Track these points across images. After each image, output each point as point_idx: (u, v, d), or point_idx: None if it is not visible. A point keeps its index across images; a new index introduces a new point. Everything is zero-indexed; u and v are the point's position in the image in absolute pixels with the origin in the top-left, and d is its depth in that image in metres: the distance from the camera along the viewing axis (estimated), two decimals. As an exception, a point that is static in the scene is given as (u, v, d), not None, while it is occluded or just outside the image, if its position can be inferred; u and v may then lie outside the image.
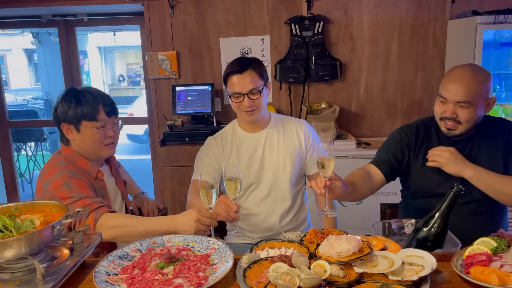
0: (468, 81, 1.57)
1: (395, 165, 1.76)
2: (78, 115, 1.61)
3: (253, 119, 1.84)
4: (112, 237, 1.50)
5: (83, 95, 1.64)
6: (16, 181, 4.21)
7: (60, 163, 1.60)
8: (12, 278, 1.15)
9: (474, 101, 1.57)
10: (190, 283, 1.15)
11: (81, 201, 1.49)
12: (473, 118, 1.61)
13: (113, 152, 1.74)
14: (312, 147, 1.92)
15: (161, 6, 3.47)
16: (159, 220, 1.54)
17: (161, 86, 3.60)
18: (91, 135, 1.63)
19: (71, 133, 1.64)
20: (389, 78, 3.51)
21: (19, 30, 7.18)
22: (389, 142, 1.82)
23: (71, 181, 1.54)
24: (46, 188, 1.54)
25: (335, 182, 1.47)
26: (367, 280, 1.12)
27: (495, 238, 1.25)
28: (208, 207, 1.47)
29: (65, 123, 1.63)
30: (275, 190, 1.88)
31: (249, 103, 1.77)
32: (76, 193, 1.51)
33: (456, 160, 1.61)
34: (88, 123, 1.62)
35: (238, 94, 1.78)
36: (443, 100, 1.63)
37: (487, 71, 1.67)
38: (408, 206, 1.83)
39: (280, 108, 3.57)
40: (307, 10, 3.39)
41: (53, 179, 1.55)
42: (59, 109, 1.64)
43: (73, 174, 1.57)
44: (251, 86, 1.76)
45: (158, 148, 3.28)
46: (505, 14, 2.84)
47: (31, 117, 7.34)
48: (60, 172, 1.56)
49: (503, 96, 3.24)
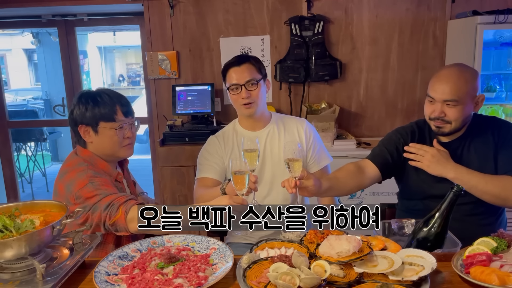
0: (455, 80, 1.60)
1: (390, 162, 1.76)
2: (96, 116, 1.60)
3: (251, 113, 1.85)
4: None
5: (100, 96, 1.62)
6: (16, 181, 4.21)
7: (82, 164, 1.58)
8: (12, 278, 1.15)
9: (461, 100, 1.59)
10: (190, 283, 1.15)
11: (107, 197, 1.46)
12: (461, 116, 1.62)
13: (131, 153, 1.72)
14: (313, 145, 1.93)
15: (161, 6, 3.47)
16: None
17: (161, 86, 3.60)
18: (110, 136, 1.61)
19: (89, 135, 1.62)
20: (389, 78, 3.51)
21: (19, 30, 7.17)
22: (384, 141, 1.83)
23: (95, 179, 1.52)
24: (70, 188, 1.51)
25: (306, 181, 1.47)
26: (367, 280, 1.12)
27: (495, 238, 1.26)
28: (240, 194, 1.43)
29: (82, 125, 1.61)
30: (276, 189, 1.88)
31: (247, 94, 1.80)
32: (101, 190, 1.48)
33: (438, 162, 1.62)
34: (106, 124, 1.60)
35: (235, 85, 1.81)
36: (431, 100, 1.65)
37: (474, 69, 1.68)
38: (404, 208, 1.83)
39: (280, 108, 3.57)
40: (307, 10, 3.39)
41: (77, 179, 1.52)
42: (75, 111, 1.62)
43: (96, 173, 1.55)
44: (248, 77, 1.80)
45: (158, 148, 3.28)
46: (505, 14, 2.84)
47: (31, 117, 7.34)
48: (84, 172, 1.54)
49: (503, 96, 3.24)
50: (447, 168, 1.61)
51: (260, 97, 1.84)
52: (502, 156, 1.64)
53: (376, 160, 1.77)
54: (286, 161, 1.45)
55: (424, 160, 1.65)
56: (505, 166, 1.62)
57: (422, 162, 1.65)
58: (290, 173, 1.44)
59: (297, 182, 1.44)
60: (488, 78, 3.23)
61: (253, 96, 1.81)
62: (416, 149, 1.68)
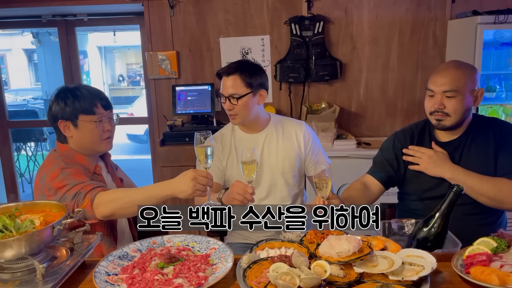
0: (453, 71, 1.64)
1: (392, 173, 1.79)
2: (75, 110, 1.61)
3: (235, 123, 1.88)
4: (111, 211, 1.45)
5: (79, 90, 1.64)
6: (16, 181, 4.21)
7: (58, 158, 1.60)
8: (12, 278, 1.15)
9: (460, 90, 1.61)
10: (190, 283, 1.15)
11: (75, 186, 1.48)
12: (461, 109, 1.63)
13: (110, 147, 1.74)
14: (312, 149, 1.92)
15: (161, 6, 3.47)
16: (156, 186, 1.49)
17: (161, 86, 3.60)
18: (90, 130, 1.63)
19: (69, 129, 1.64)
20: (389, 78, 3.51)
21: (19, 30, 7.18)
22: (383, 150, 1.85)
23: (67, 170, 1.53)
24: (44, 181, 1.54)
25: (333, 201, 1.48)
26: (367, 280, 1.12)
27: (495, 238, 1.25)
28: (204, 167, 1.47)
29: (62, 120, 1.63)
30: (274, 191, 1.88)
31: (229, 106, 1.80)
32: (70, 180, 1.50)
33: (435, 163, 1.66)
34: (86, 117, 1.62)
35: (222, 95, 1.82)
36: (431, 94, 1.68)
37: (473, 65, 1.73)
38: (404, 208, 1.83)
39: (280, 108, 3.57)
40: (307, 10, 3.39)
41: (50, 171, 1.55)
42: (54, 107, 1.64)
43: (69, 165, 1.57)
44: (231, 91, 1.79)
45: (158, 148, 3.29)
46: (505, 14, 2.84)
47: (31, 117, 7.35)
48: (56, 164, 1.56)
49: (503, 96, 3.24)
50: (444, 169, 1.64)
51: (246, 110, 1.80)
52: (502, 157, 1.64)
53: (377, 175, 1.80)
54: (315, 181, 1.44)
55: (422, 162, 1.69)
56: (504, 168, 1.63)
57: (420, 164, 1.70)
58: (319, 192, 1.44)
59: (325, 202, 1.44)
60: (488, 78, 3.23)
61: (236, 109, 1.80)
62: (414, 151, 1.73)
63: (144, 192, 1.47)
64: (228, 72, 1.80)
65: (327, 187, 1.43)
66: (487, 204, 1.62)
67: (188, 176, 1.39)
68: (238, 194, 1.53)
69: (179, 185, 1.41)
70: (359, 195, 1.73)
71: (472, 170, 1.63)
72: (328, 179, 1.43)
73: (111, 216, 1.50)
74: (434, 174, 1.66)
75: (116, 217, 1.59)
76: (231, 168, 1.89)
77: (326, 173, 1.42)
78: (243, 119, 1.83)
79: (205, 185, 1.41)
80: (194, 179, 1.38)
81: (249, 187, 1.52)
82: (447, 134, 1.72)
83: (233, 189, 1.56)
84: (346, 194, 1.72)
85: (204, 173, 1.41)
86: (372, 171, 1.82)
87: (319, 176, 1.43)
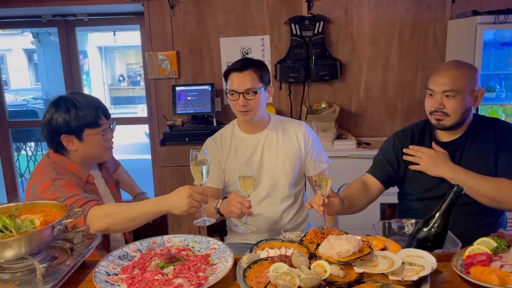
0: (453, 71, 1.64)
1: (392, 173, 1.79)
2: (80, 124, 1.55)
3: (248, 120, 1.84)
4: (105, 226, 1.42)
5: (78, 102, 1.57)
6: (16, 181, 4.21)
7: (50, 167, 1.55)
8: (12, 278, 1.15)
9: (460, 90, 1.61)
10: (190, 283, 1.15)
11: (67, 200, 1.44)
12: (460, 108, 1.63)
13: (111, 155, 1.73)
14: (312, 149, 1.92)
15: (161, 6, 3.47)
16: (151, 202, 1.48)
17: (161, 86, 3.60)
18: (96, 142, 1.59)
19: (72, 143, 1.57)
20: (389, 78, 3.51)
21: (19, 30, 7.18)
22: (384, 149, 1.85)
23: (58, 181, 1.49)
24: (34, 191, 1.50)
25: (333, 199, 1.49)
26: (367, 280, 1.12)
27: (495, 238, 1.25)
28: (199, 183, 1.46)
29: (66, 135, 1.55)
30: (274, 191, 1.88)
31: (244, 102, 1.78)
32: (62, 192, 1.46)
33: (435, 163, 1.66)
34: (92, 130, 1.58)
35: (234, 92, 1.79)
36: (430, 93, 1.68)
37: (473, 65, 1.73)
38: (404, 208, 1.83)
39: (280, 108, 3.57)
40: (307, 10, 3.39)
41: (41, 181, 1.50)
42: (55, 121, 1.55)
43: (61, 175, 1.52)
44: (248, 86, 1.77)
45: (158, 148, 3.29)
46: (505, 14, 2.84)
47: (31, 117, 7.36)
48: (48, 175, 1.51)
49: (503, 96, 3.24)
50: (445, 169, 1.64)
51: (259, 105, 1.81)
52: (502, 157, 1.64)
53: (377, 174, 1.79)
54: (315, 179, 1.45)
55: (422, 161, 1.69)
56: (504, 168, 1.63)
57: (420, 163, 1.69)
58: (319, 190, 1.45)
59: (325, 200, 1.45)
60: (488, 78, 3.23)
61: (251, 105, 1.78)
62: (414, 151, 1.72)
63: (139, 208, 1.46)
64: (242, 68, 1.78)
65: (327, 185, 1.43)
66: (487, 204, 1.61)
67: (183, 192, 1.39)
68: (235, 208, 1.53)
69: (174, 202, 1.41)
70: (358, 194, 1.73)
71: (472, 170, 1.63)
72: (328, 177, 1.44)
73: (105, 231, 1.48)
74: (434, 174, 1.66)
75: (110, 231, 1.56)
76: (230, 169, 1.88)
77: (326, 172, 1.43)
78: (255, 114, 1.82)
79: (200, 201, 1.42)
80: (189, 196, 1.39)
81: (246, 201, 1.52)
82: (447, 134, 1.72)
83: (231, 202, 1.56)
84: (346, 193, 1.71)
85: (199, 189, 1.42)
86: (372, 171, 1.82)
87: (319, 175, 1.44)
